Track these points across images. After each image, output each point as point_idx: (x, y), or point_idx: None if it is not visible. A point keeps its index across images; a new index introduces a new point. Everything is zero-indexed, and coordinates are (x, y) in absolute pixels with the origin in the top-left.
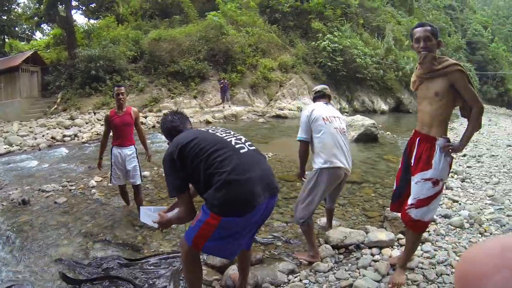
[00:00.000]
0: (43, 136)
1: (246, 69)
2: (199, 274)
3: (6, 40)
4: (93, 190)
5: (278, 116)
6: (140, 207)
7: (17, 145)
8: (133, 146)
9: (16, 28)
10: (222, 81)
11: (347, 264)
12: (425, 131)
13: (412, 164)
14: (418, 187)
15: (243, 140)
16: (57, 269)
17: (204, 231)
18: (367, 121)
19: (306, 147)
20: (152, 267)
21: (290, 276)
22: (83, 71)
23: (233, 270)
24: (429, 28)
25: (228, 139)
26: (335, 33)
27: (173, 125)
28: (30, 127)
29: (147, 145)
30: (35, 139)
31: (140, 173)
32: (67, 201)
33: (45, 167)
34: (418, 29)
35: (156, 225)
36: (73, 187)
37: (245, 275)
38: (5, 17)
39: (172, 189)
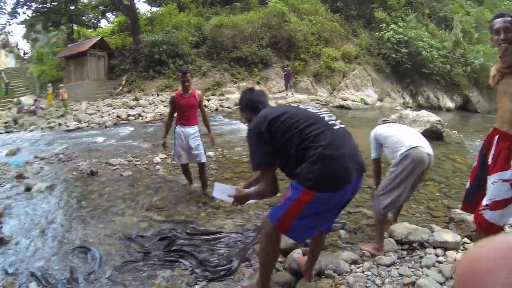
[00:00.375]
0: (109, 114)
1: (309, 57)
2: (277, 257)
3: (75, 28)
4: (158, 166)
5: (341, 107)
6: (215, 182)
7: (85, 122)
8: (196, 126)
9: (83, 17)
10: (286, 68)
11: (410, 261)
12: (505, 129)
13: (489, 163)
14: (494, 187)
15: (334, 118)
16: (121, 239)
17: (293, 209)
18: (433, 117)
19: (378, 163)
20: (214, 245)
21: (353, 266)
22: (147, 55)
23: (297, 254)
24: (509, 18)
25: (321, 115)
26: (399, 23)
27: (260, 99)
28: (97, 107)
29: (210, 127)
30: (102, 117)
31: (205, 151)
32: (132, 175)
33: (111, 143)
34: (498, 20)
35: (230, 200)
36: (138, 162)
37: (314, 259)
38: (73, 7)
39: (258, 163)
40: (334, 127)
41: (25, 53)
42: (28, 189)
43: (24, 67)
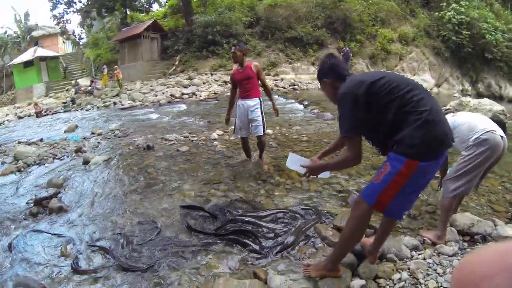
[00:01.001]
0: (163, 93)
1: (365, 38)
2: (360, 240)
3: (128, 13)
4: (215, 142)
5: None
6: (290, 152)
7: (139, 101)
8: (257, 98)
9: (136, 2)
10: (344, 49)
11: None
12: None
13: None
14: None
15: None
16: (180, 214)
17: (394, 184)
18: (496, 106)
19: None
20: (273, 222)
21: (414, 252)
22: (200, 36)
23: None
24: None
25: (417, 82)
26: (461, 2)
27: (344, 66)
28: (151, 86)
29: (273, 97)
30: (156, 96)
31: (264, 125)
32: (189, 150)
33: (165, 119)
34: None
35: (303, 170)
36: (195, 138)
37: (381, 242)
38: None
39: (349, 128)
40: (431, 95)
41: (80, 38)
42: (86, 162)
43: (81, 52)
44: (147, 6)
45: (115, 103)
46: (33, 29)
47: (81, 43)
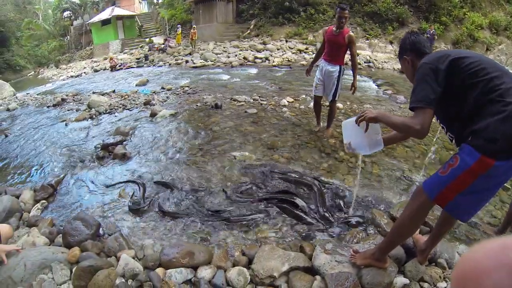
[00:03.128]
0: (235, 55)
1: (450, 21)
2: (416, 231)
3: None
4: (284, 109)
5: None
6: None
7: (211, 61)
8: (339, 66)
9: None
10: (429, 30)
11: None
12: None
13: None
14: None
15: None
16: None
17: (460, 181)
18: None
19: None
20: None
21: None
22: (277, 2)
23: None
24: None
25: (509, 71)
26: None
27: (425, 43)
28: (224, 47)
29: (356, 73)
30: (228, 57)
31: (336, 91)
32: (257, 113)
33: (236, 81)
34: None
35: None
36: (264, 102)
37: (435, 242)
38: None
39: (422, 96)
40: None
41: None
42: (153, 114)
43: (156, 11)
44: None
45: (187, 61)
46: None
47: (156, 2)
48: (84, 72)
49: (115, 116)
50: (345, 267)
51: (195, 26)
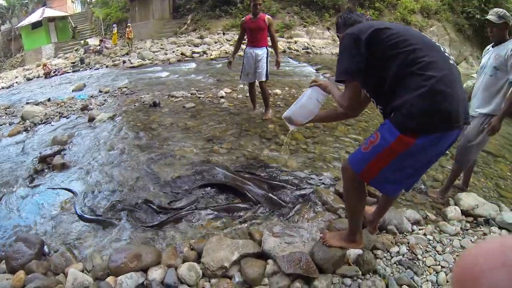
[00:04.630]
0: (173, 52)
1: (384, 7)
2: (363, 203)
3: None
4: (222, 100)
5: None
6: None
7: (149, 60)
8: (265, 47)
9: None
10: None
11: (473, 235)
12: None
13: None
14: None
15: (448, 52)
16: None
17: (382, 159)
18: None
19: None
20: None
21: (415, 227)
22: None
23: None
24: None
25: (436, 43)
26: None
27: (360, 19)
28: (161, 45)
29: (278, 50)
30: (166, 54)
31: (267, 72)
32: (195, 107)
33: (174, 77)
34: None
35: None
36: (202, 95)
37: (382, 212)
38: None
39: (344, 69)
40: (449, 61)
41: None
42: (91, 119)
43: (90, 11)
44: None
45: (124, 62)
46: None
47: (90, 1)
48: (16, 82)
49: (52, 125)
50: (296, 247)
51: (130, 24)
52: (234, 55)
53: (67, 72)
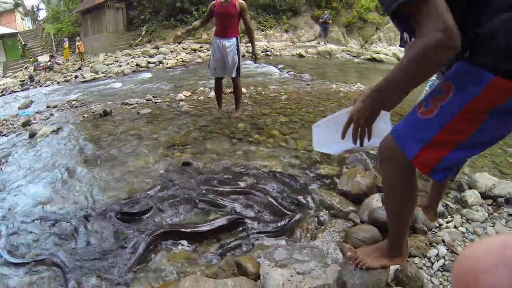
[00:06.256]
0: (127, 63)
1: (341, 6)
2: (414, 202)
3: None
4: (182, 103)
5: (373, 59)
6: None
7: (103, 73)
8: (234, 38)
9: None
10: (323, 15)
11: (501, 218)
12: None
13: None
14: None
15: None
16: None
17: (463, 123)
18: None
19: None
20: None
21: (440, 220)
22: (168, 4)
23: (376, 200)
24: None
25: None
26: None
27: None
28: (116, 57)
29: (254, 41)
30: (120, 66)
31: (239, 67)
32: (151, 112)
33: (129, 87)
34: None
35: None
36: (159, 100)
37: (439, 196)
38: None
39: None
40: None
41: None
42: (32, 134)
43: (41, 27)
44: None
45: (76, 77)
46: None
47: (40, 18)
48: None
49: None
50: (315, 278)
51: (79, 38)
52: (189, 30)
53: (15, 92)
